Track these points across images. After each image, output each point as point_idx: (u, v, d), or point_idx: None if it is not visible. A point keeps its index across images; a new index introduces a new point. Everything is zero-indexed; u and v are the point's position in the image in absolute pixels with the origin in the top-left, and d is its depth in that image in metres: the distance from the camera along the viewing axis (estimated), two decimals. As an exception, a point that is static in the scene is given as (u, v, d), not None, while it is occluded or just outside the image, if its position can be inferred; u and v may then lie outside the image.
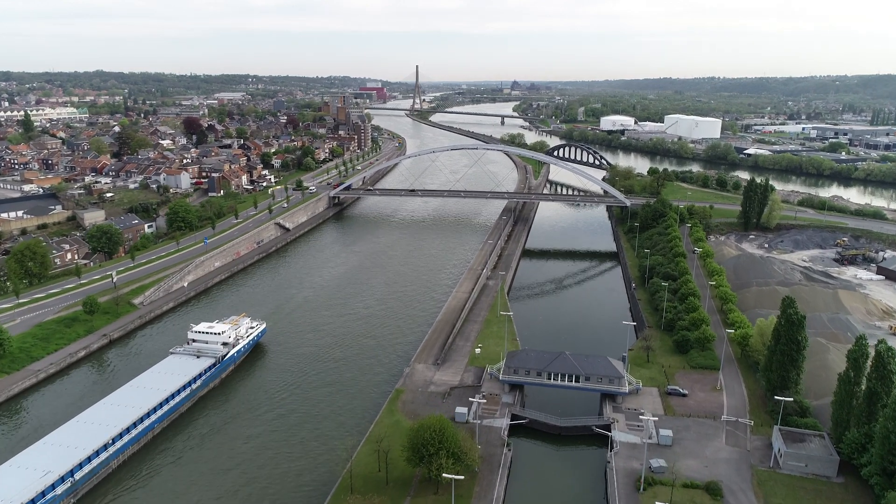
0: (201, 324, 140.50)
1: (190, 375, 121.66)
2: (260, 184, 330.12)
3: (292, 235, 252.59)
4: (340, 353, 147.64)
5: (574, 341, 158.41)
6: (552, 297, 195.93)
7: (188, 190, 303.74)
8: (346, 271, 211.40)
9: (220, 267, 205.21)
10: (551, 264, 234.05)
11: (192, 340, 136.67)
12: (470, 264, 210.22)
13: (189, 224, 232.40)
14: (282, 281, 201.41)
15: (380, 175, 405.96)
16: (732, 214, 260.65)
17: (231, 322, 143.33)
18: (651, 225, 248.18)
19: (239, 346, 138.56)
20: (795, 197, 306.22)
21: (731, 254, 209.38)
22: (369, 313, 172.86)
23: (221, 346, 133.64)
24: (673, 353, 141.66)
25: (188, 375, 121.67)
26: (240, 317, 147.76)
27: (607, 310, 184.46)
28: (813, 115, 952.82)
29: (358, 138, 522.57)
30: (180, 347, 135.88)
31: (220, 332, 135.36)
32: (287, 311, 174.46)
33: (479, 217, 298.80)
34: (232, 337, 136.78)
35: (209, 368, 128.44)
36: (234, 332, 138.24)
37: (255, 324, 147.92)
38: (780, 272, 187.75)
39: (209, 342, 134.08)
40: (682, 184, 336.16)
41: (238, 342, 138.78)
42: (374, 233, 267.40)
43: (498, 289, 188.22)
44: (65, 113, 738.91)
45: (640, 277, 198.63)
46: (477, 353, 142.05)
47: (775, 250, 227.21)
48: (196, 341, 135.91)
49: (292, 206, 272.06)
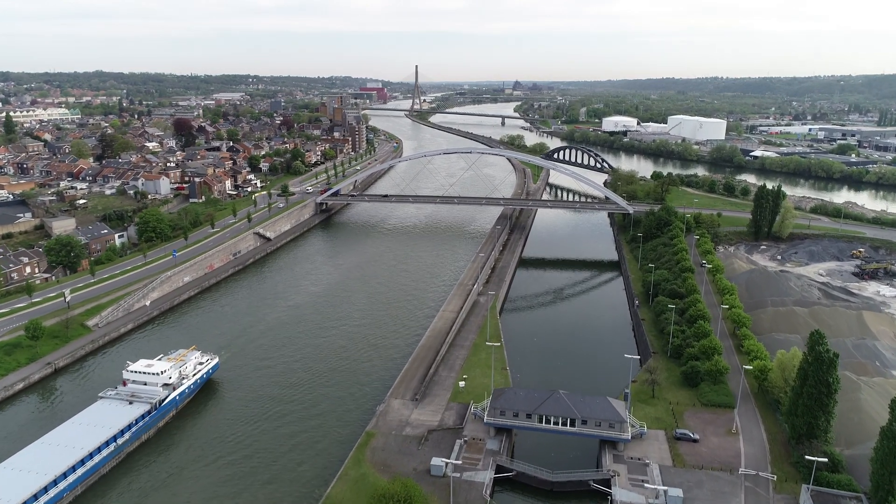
0: (139, 361, 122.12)
1: (116, 428, 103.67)
2: (245, 189, 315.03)
3: (273, 245, 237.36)
4: (308, 388, 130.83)
5: (571, 369, 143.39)
6: (548, 315, 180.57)
7: (168, 196, 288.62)
8: (326, 287, 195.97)
9: (190, 282, 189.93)
10: (549, 275, 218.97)
11: (127, 381, 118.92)
12: (460, 279, 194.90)
13: (161, 234, 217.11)
14: (254, 299, 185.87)
15: (373, 179, 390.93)
16: (742, 223, 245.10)
17: (177, 357, 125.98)
18: (655, 234, 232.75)
19: (183, 388, 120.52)
20: (807, 203, 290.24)
21: (743, 267, 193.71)
22: (346, 337, 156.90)
23: (161, 389, 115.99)
24: (681, 387, 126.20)
25: (114, 428, 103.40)
26: (188, 350, 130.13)
27: (608, 331, 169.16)
28: (819, 115, 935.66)
29: (352, 140, 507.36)
30: (112, 390, 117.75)
31: (161, 371, 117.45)
32: (254, 335, 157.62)
33: (474, 224, 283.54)
34: (174, 377, 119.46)
35: (143, 416, 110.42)
36: (178, 370, 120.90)
37: (206, 358, 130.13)
38: (796, 289, 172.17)
39: (147, 383, 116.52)
40: (687, 189, 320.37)
41: (182, 382, 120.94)
42: (361, 242, 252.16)
43: (489, 307, 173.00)
44: (56, 114, 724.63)
45: (643, 293, 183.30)
46: (461, 386, 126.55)
47: (789, 262, 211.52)
48: (132, 382, 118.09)
49: (275, 214, 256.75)
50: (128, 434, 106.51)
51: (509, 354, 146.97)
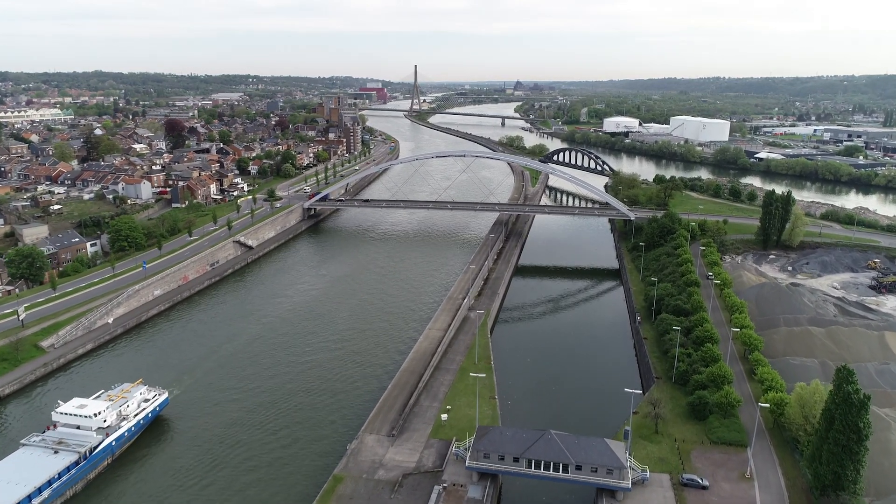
0: (71, 401, 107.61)
1: (33, 485, 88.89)
2: (230, 193, 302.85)
3: (255, 254, 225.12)
4: (274, 423, 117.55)
5: (566, 396, 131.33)
6: (544, 331, 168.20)
7: (149, 201, 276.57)
8: (306, 300, 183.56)
9: (161, 296, 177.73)
10: (545, 286, 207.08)
11: (56, 424, 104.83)
12: (450, 292, 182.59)
13: (134, 243, 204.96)
14: (227, 314, 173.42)
15: (366, 182, 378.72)
16: (749, 230, 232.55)
17: (119, 394, 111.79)
18: (658, 243, 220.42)
19: (122, 431, 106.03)
20: (817, 209, 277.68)
21: (752, 280, 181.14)
22: (322, 361, 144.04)
23: (94, 434, 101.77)
24: (687, 420, 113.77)
25: (30, 485, 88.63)
26: (133, 385, 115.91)
27: (607, 350, 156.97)
28: (823, 116, 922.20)
29: (347, 141, 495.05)
30: (37, 436, 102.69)
31: (95, 413, 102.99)
32: (219, 358, 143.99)
33: (468, 230, 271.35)
34: (112, 418, 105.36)
35: (69, 468, 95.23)
36: (117, 410, 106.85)
37: (153, 394, 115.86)
38: (811, 305, 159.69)
39: (81, 427, 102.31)
40: (691, 193, 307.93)
41: (122, 424, 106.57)
42: (349, 250, 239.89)
43: (480, 324, 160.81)
44: (48, 114, 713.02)
45: (645, 308, 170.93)
46: (444, 419, 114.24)
47: (800, 274, 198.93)
48: (62, 425, 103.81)
49: (258, 220, 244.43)
50: (47, 491, 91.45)
51: (499, 379, 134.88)
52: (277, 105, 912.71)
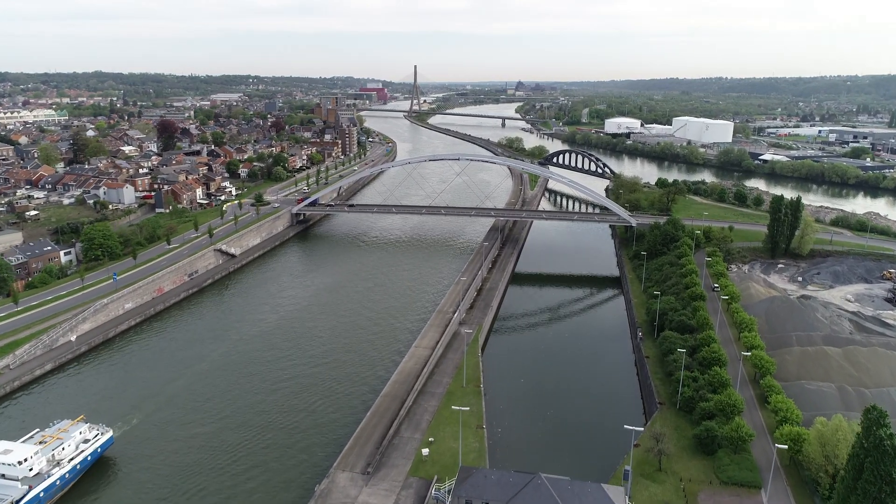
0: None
1: None
2: (217, 197, 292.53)
3: (238, 263, 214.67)
4: (235, 465, 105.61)
5: (562, 422, 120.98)
6: (539, 346, 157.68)
7: (131, 206, 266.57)
8: (287, 314, 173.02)
9: (132, 310, 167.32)
10: (542, 296, 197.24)
11: None
12: (440, 304, 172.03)
13: (109, 252, 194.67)
14: (201, 330, 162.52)
15: (360, 185, 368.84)
16: (756, 237, 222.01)
17: (54, 434, 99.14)
18: (661, 251, 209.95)
19: (54, 478, 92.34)
20: (826, 214, 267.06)
21: (761, 293, 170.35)
22: (297, 384, 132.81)
23: (18, 485, 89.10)
24: (694, 455, 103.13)
25: None
26: (73, 422, 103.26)
27: (607, 369, 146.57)
28: (827, 116, 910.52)
29: (342, 143, 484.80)
30: None
31: (21, 460, 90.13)
32: (183, 384, 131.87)
33: (463, 236, 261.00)
34: (42, 465, 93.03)
35: None
36: (49, 454, 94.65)
37: (94, 432, 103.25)
38: (824, 321, 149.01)
39: (6, 476, 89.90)
40: (694, 197, 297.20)
41: (53, 471, 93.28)
42: (337, 258, 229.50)
43: (470, 340, 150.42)
44: (42, 115, 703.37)
45: (647, 323, 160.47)
46: (425, 454, 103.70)
47: (811, 285, 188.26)
48: None
49: (243, 227, 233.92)
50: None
51: (489, 404, 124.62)
52: (275, 106, 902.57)
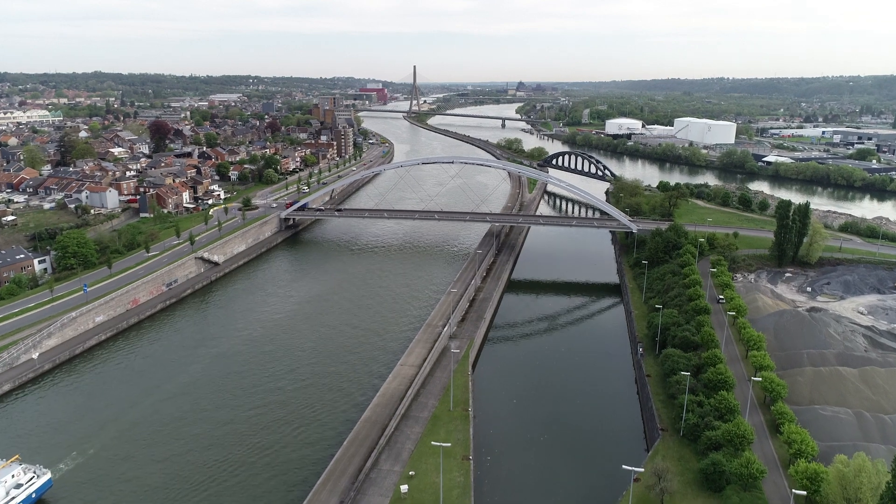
0: None
1: None
2: (205, 201, 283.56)
3: (221, 271, 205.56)
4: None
5: (556, 448, 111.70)
6: (534, 362, 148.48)
7: (115, 210, 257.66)
8: (268, 327, 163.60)
9: (103, 324, 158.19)
10: (538, 306, 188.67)
11: None
12: (429, 317, 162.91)
13: (84, 261, 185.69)
14: (174, 344, 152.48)
15: (354, 188, 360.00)
16: (761, 244, 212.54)
17: None
18: (663, 259, 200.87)
19: None
20: (834, 219, 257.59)
21: (768, 306, 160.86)
22: (270, 410, 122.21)
23: None
24: (700, 491, 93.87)
25: None
26: (5, 464, 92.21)
27: (605, 388, 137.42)
28: (830, 117, 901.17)
29: (338, 144, 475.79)
30: None
31: None
32: (145, 410, 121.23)
33: (457, 242, 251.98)
34: None
35: None
36: None
37: (29, 476, 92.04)
38: (837, 337, 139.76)
39: None
40: (697, 201, 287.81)
41: None
42: (326, 265, 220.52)
43: (461, 356, 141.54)
44: (36, 116, 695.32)
45: (649, 337, 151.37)
46: (403, 491, 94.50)
47: (821, 295, 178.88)
48: None
49: (228, 233, 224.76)
50: None
51: (478, 428, 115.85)
52: (273, 106, 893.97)
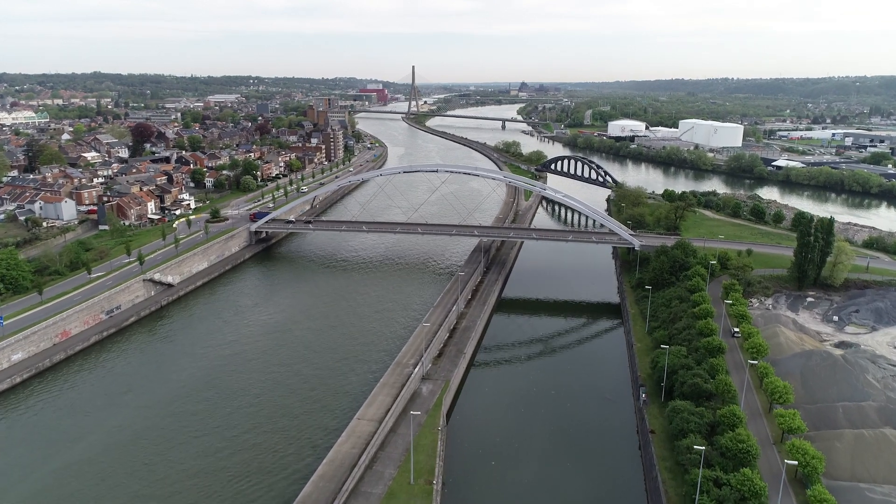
0: None
1: None
2: (173, 212, 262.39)
3: (176, 293, 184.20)
4: None
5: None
6: (520, 408, 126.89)
7: (71, 223, 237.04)
8: (214, 366, 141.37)
9: (21, 363, 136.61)
10: (530, 329, 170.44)
11: None
12: (399, 355, 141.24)
13: (13, 285, 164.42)
14: (98, 391, 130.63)
15: (340, 195, 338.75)
16: (778, 262, 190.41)
17: None
18: (668, 280, 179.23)
19: None
20: (855, 233, 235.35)
21: (792, 343, 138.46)
22: (194, 483, 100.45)
23: None
24: None
25: None
26: None
27: (601, 448, 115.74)
28: (839, 118, 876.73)
29: (326, 148, 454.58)
30: None
31: None
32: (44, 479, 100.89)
33: (443, 258, 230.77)
34: None
35: None
36: None
37: None
38: (877, 385, 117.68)
39: None
40: (705, 212, 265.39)
41: None
42: (295, 286, 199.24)
43: (431, 407, 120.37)
44: (21, 118, 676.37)
45: (653, 379, 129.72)
46: None
47: (850, 325, 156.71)
48: None
49: (186, 250, 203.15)
50: None
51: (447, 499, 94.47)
52: (267, 108, 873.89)
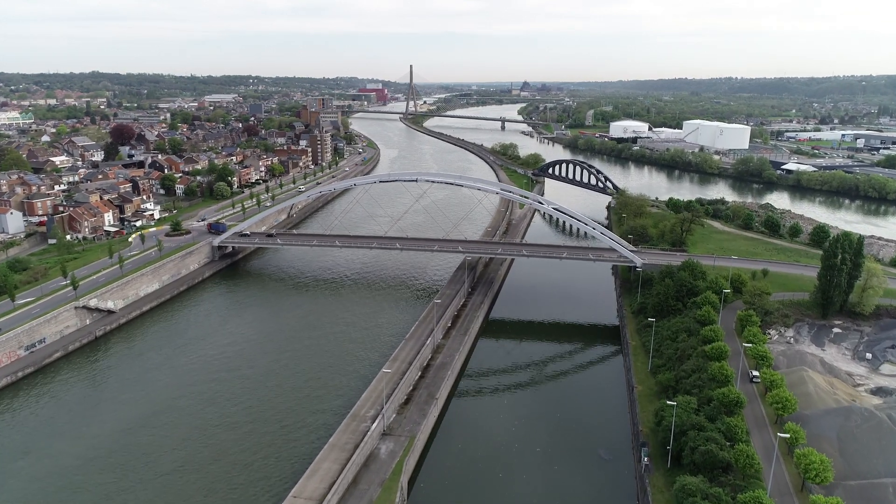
0: None
1: None
2: (133, 223, 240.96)
3: (117, 321, 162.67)
4: None
5: None
6: (495, 473, 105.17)
7: (17, 236, 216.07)
8: (138, 418, 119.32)
9: None
10: (518, 355, 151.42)
11: None
12: (356, 406, 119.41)
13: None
14: (3, 446, 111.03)
15: (322, 202, 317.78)
16: (797, 284, 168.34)
17: None
18: (675, 308, 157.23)
19: None
20: (880, 249, 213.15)
21: (823, 393, 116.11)
22: None
23: None
24: None
25: None
26: None
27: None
28: (847, 118, 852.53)
29: (313, 151, 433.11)
30: None
31: None
32: None
33: (425, 276, 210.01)
34: None
35: None
36: None
37: None
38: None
39: None
40: (714, 223, 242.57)
41: None
42: (254, 310, 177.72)
43: (390, 473, 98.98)
44: (5, 119, 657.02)
45: (657, 438, 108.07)
46: None
47: (887, 363, 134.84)
48: None
49: (134, 269, 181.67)
50: None
51: None
52: (261, 108, 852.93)
